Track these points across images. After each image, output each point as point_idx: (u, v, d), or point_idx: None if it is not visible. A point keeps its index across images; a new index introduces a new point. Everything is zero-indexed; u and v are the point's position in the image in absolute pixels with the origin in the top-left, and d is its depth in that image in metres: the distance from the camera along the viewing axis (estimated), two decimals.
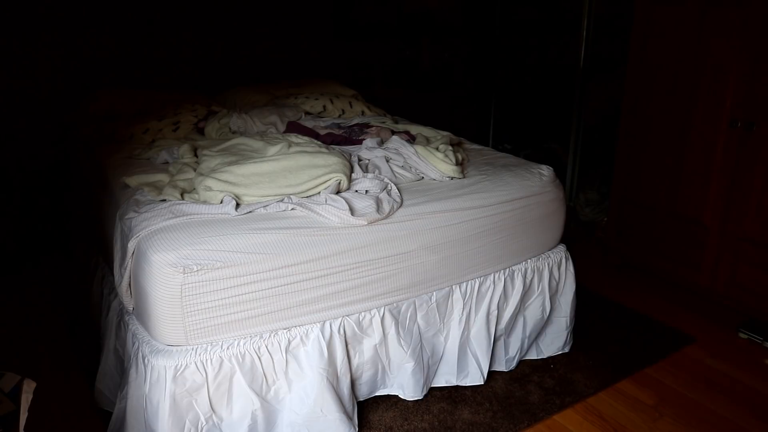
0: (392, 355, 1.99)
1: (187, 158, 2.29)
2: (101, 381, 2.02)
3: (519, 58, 4.76)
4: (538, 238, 2.25)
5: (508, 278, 2.18)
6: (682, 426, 2.04)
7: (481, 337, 2.13)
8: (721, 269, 2.68)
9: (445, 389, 2.17)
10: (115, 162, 2.39)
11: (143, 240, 1.69)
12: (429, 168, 2.23)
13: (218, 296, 1.65)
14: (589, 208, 3.79)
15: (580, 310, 2.48)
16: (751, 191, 2.52)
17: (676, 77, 2.75)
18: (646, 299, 2.88)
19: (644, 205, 2.99)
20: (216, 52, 3.72)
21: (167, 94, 3.19)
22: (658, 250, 2.95)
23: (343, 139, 2.52)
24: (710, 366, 2.38)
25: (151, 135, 2.69)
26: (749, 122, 2.49)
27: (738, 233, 2.59)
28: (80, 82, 3.31)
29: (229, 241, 1.68)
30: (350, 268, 1.83)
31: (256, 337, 1.73)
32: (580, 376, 2.27)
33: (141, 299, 1.69)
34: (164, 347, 1.66)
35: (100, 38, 3.34)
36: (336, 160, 2.07)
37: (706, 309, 2.79)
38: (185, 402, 1.64)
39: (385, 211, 1.89)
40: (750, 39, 2.45)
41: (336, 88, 3.47)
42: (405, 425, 2.00)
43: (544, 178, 2.28)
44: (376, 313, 1.92)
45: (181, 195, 1.93)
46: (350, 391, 1.91)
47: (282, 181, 1.96)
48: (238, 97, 3.27)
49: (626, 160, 3.05)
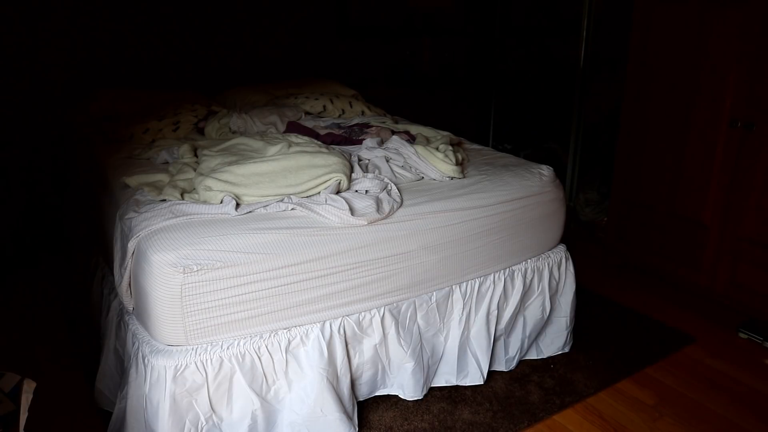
0: (392, 355, 1.99)
1: (187, 158, 2.29)
2: (101, 381, 2.02)
3: (519, 58, 4.76)
4: (538, 238, 2.25)
5: (508, 278, 2.18)
6: (682, 426, 2.04)
7: (481, 337, 2.13)
8: (721, 269, 2.68)
9: (445, 389, 2.17)
10: (115, 162, 2.39)
11: (143, 240, 1.69)
12: (429, 168, 2.23)
13: (218, 296, 1.65)
14: (589, 208, 3.79)
15: (580, 310, 2.48)
16: (751, 191, 2.52)
17: (676, 77, 2.75)
18: (646, 299, 2.88)
19: (644, 205, 2.99)
20: (216, 52, 3.72)
21: (167, 94, 3.19)
22: (658, 250, 2.95)
23: (343, 139, 2.52)
24: (710, 366, 2.38)
25: (151, 135, 2.69)
26: (749, 122, 2.49)
27: (738, 233, 2.59)
28: (80, 82, 3.31)
29: (229, 241, 1.68)
30: (350, 268, 1.83)
31: (256, 337, 1.73)
32: (580, 376, 2.27)
33: (141, 299, 1.69)
34: (164, 347, 1.66)
35: (100, 38, 3.34)
36: (336, 160, 2.07)
37: (706, 309, 2.80)
38: (185, 402, 1.64)
39: (385, 211, 1.89)
40: (750, 39, 2.45)
41: (336, 88, 3.47)
42: (405, 425, 2.00)
43: (544, 178, 2.28)
44: (376, 313, 1.92)
45: (181, 195, 1.93)
46: (350, 391, 1.91)
47: (282, 181, 1.96)
48: (238, 97, 3.27)
49: (626, 160, 3.05)
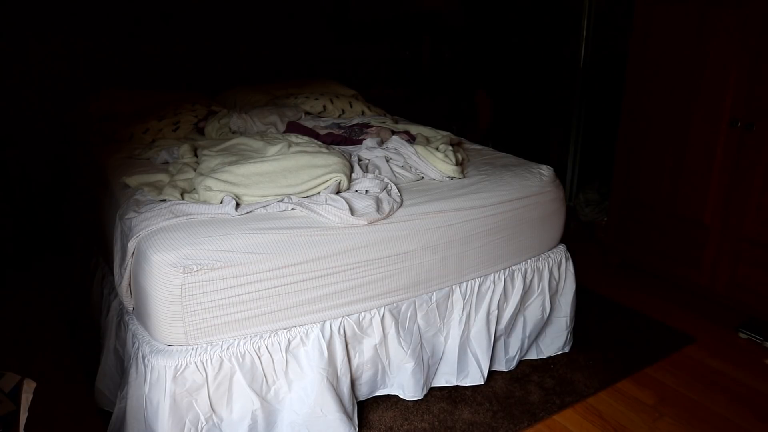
0: (392, 355, 1.99)
1: (187, 158, 2.29)
2: (101, 381, 2.02)
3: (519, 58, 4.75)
4: (538, 238, 2.25)
5: (508, 278, 2.18)
6: (682, 426, 2.04)
7: (481, 337, 2.13)
8: (721, 269, 2.68)
9: (445, 389, 2.17)
10: (115, 162, 2.39)
11: (143, 240, 1.69)
12: (429, 168, 2.23)
13: (218, 296, 1.65)
14: (589, 208, 3.79)
15: (580, 310, 2.48)
16: (751, 191, 2.52)
17: (676, 77, 2.75)
18: (646, 299, 2.88)
19: (644, 205, 2.99)
20: (216, 52, 3.72)
21: (167, 94, 3.19)
22: (658, 250, 2.95)
23: (343, 139, 2.52)
24: (710, 366, 2.38)
25: (151, 135, 2.69)
26: (749, 122, 2.49)
27: (738, 233, 2.59)
28: (80, 83, 3.31)
29: (229, 241, 1.68)
30: (350, 268, 1.83)
31: (256, 337, 1.73)
32: (580, 376, 2.27)
33: (141, 299, 1.69)
34: (164, 347, 1.66)
35: (100, 38, 3.34)
36: (336, 160, 2.07)
37: (706, 309, 2.79)
38: (185, 402, 1.64)
39: (385, 211, 1.89)
40: (750, 39, 2.45)
41: (336, 88, 3.47)
42: (405, 425, 2.00)
43: (544, 178, 2.28)
44: (376, 313, 1.92)
45: (181, 195, 1.93)
46: (350, 391, 1.91)
47: (282, 181, 1.96)
48: (238, 97, 3.27)
49: (626, 160, 3.05)
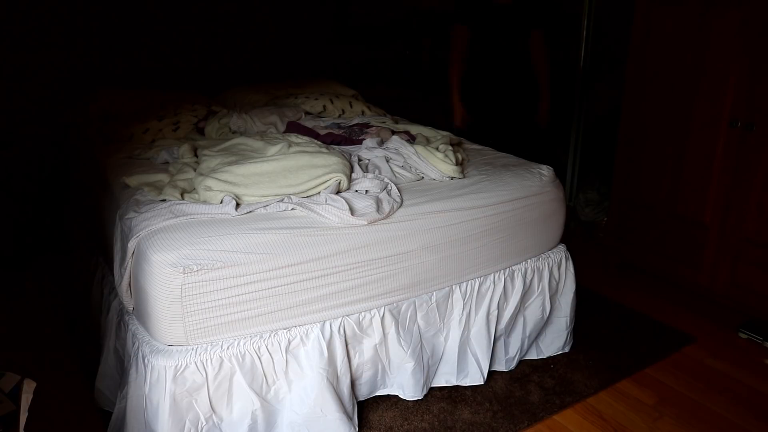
0: (392, 355, 1.99)
1: (187, 158, 2.29)
2: (101, 381, 2.02)
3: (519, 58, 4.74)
4: (538, 238, 2.25)
5: (508, 278, 2.18)
6: (682, 426, 2.04)
7: (481, 337, 2.13)
8: (721, 269, 2.68)
9: (445, 389, 2.17)
10: (115, 162, 2.39)
11: (143, 240, 1.69)
12: (429, 168, 2.23)
13: (218, 296, 1.65)
14: (589, 208, 3.79)
15: (580, 310, 2.48)
16: (751, 191, 2.52)
17: (676, 77, 2.75)
18: (646, 299, 2.88)
19: (644, 205, 2.99)
20: (216, 52, 3.72)
21: (167, 94, 3.19)
22: (658, 250, 2.95)
23: (343, 139, 2.52)
24: (710, 366, 2.38)
25: (151, 135, 2.69)
26: (749, 122, 2.49)
27: (738, 233, 2.59)
28: (80, 83, 3.30)
29: (229, 241, 1.68)
30: (350, 268, 1.83)
31: (256, 337, 1.73)
32: (580, 376, 2.27)
33: (141, 299, 1.69)
34: (164, 347, 1.66)
35: (100, 38, 3.34)
36: (336, 160, 2.07)
37: (706, 309, 2.79)
38: (185, 402, 1.64)
39: (385, 211, 1.89)
40: (750, 39, 2.45)
41: (336, 88, 3.46)
42: (405, 425, 2.00)
43: (544, 178, 2.28)
44: (376, 313, 1.92)
45: (181, 195, 1.93)
46: (350, 391, 1.91)
47: (282, 181, 1.96)
48: (238, 97, 3.27)
49: (626, 160, 3.05)
